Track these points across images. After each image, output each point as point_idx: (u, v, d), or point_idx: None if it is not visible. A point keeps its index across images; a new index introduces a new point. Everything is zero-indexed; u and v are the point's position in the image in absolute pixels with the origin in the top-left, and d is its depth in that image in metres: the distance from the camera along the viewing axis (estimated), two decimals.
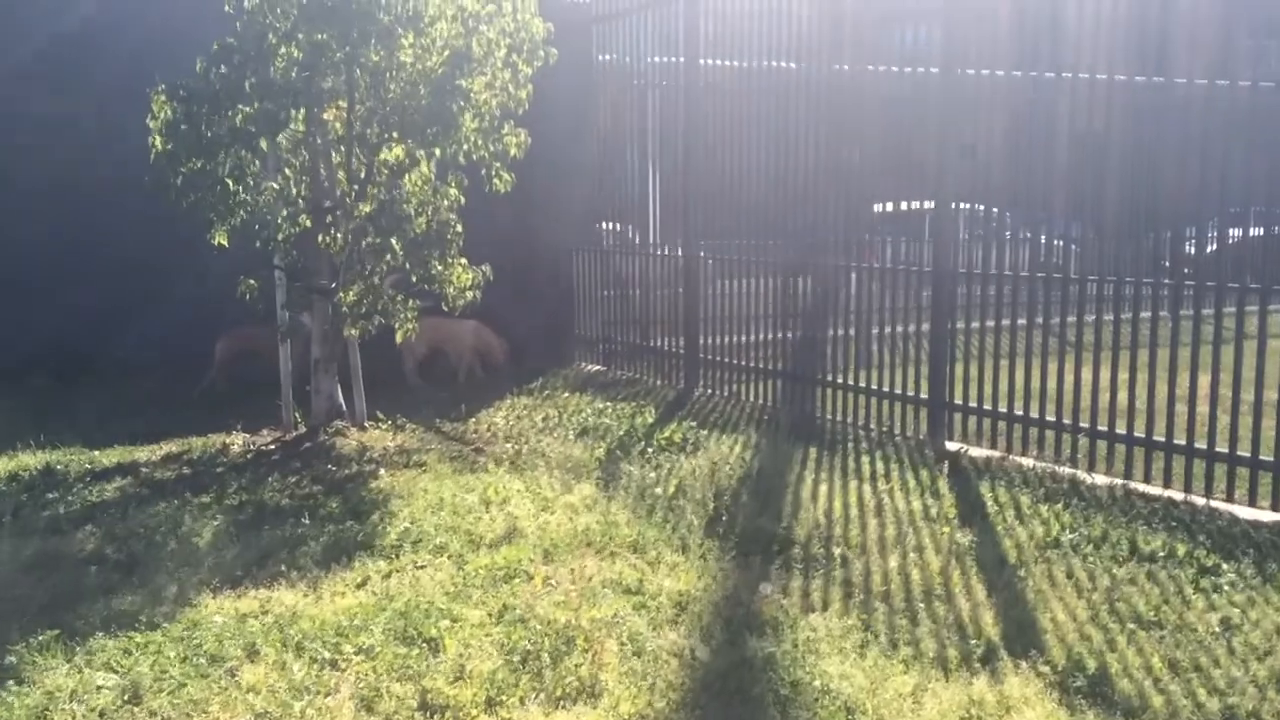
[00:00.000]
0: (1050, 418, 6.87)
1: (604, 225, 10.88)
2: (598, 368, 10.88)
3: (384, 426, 7.95)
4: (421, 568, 4.86)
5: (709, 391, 9.43)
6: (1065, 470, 6.53)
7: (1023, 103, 7.06)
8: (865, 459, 6.88)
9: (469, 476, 6.59)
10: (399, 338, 7.84)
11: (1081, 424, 6.69)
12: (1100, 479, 6.35)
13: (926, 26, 8.28)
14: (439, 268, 7.59)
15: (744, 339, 9.10)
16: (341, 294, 7.31)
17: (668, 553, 5.05)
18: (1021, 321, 7.19)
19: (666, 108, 9.95)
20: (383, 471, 6.76)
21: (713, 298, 9.42)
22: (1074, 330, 6.82)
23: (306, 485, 6.43)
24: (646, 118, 10.37)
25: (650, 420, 8.18)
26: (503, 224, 11.17)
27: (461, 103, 7.16)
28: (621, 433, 7.65)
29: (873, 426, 7.84)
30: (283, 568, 4.86)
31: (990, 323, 7.35)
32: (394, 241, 7.13)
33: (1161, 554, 5.00)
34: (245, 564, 4.92)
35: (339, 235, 7.09)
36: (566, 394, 9.38)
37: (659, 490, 6.11)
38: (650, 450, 7.07)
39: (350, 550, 5.07)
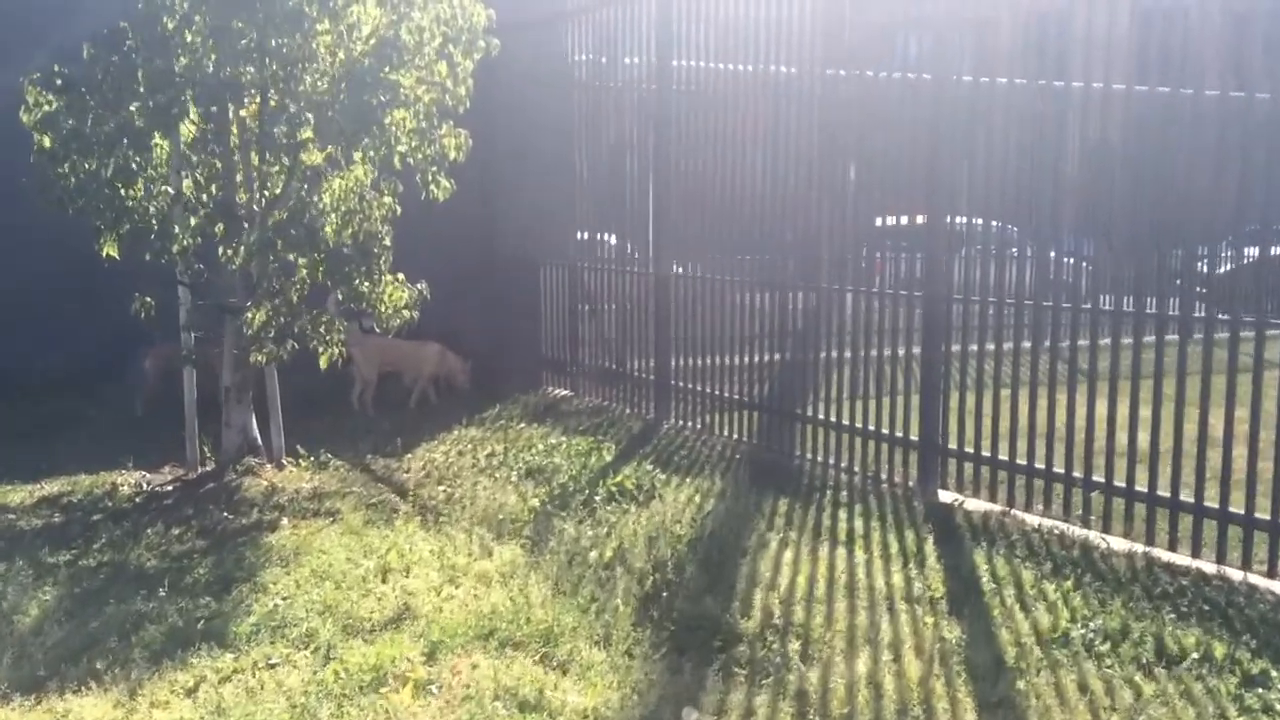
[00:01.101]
0: (1058, 468, 5.92)
1: (584, 237, 9.91)
2: (565, 393, 9.96)
3: (304, 464, 7.03)
4: (273, 666, 3.93)
5: (680, 423, 8.50)
6: (1076, 531, 5.58)
7: (1028, 113, 6.12)
8: (842, 514, 5.93)
9: (379, 532, 5.66)
10: (322, 363, 6.92)
11: (1095, 477, 5.75)
12: (1118, 543, 5.40)
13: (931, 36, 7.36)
14: (365, 285, 6.67)
15: (719, 366, 8.17)
16: (250, 313, 6.39)
17: (585, 647, 4.11)
18: (1026, 347, 6.25)
19: (643, 112, 9.03)
20: (285, 522, 5.85)
21: (686, 319, 8.49)
22: (1087, 358, 5.86)
23: (189, 540, 5.52)
24: (624, 122, 9.46)
25: (607, 459, 7.25)
26: (468, 236, 10.32)
27: (386, 98, 6.24)
28: (570, 476, 6.71)
29: (857, 470, 6.89)
30: (105, 663, 3.93)
31: (990, 349, 6.41)
32: (300, 258, 6.23)
33: (1195, 655, 4.04)
34: (60, 656, 3.99)
35: (242, 248, 6.17)
36: (523, 424, 8.46)
37: (593, 555, 5.17)
38: (597, 500, 6.13)
39: (196, 639, 4.15)
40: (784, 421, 7.59)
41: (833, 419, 7.18)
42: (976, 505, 6.16)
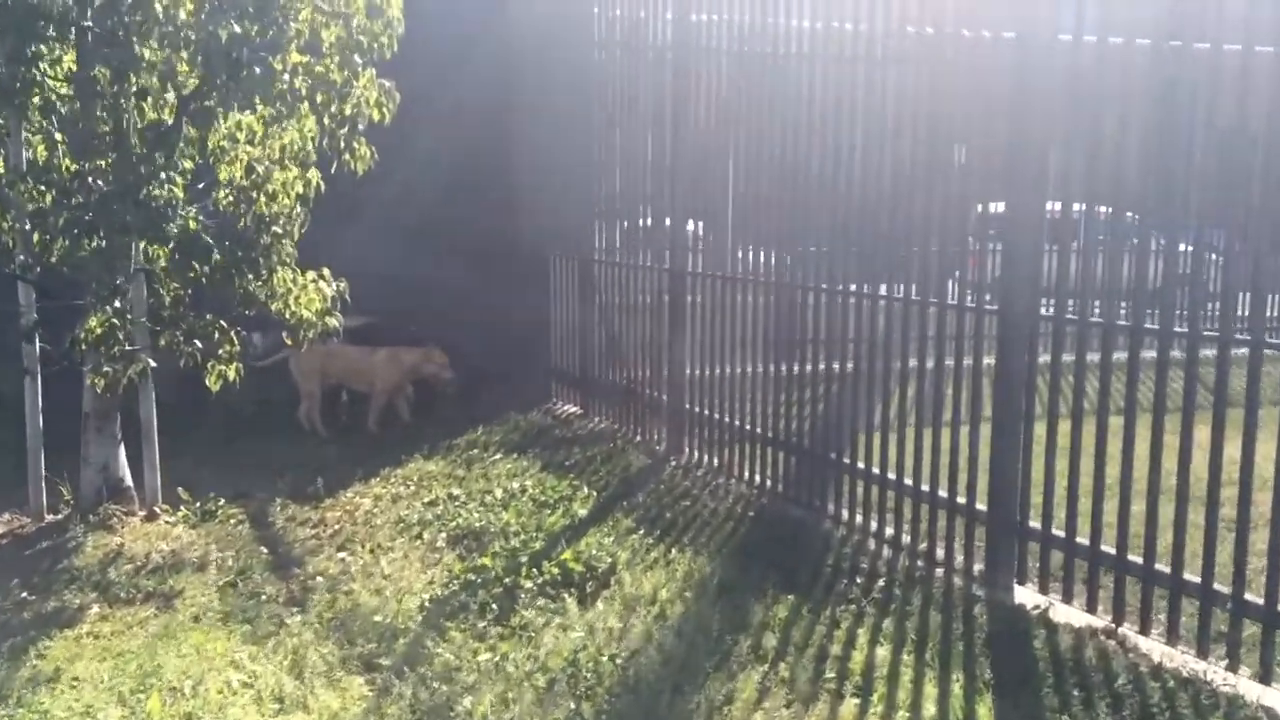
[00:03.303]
0: (1192, 576, 3.99)
1: (600, 225, 8.12)
2: (573, 410, 8.26)
3: (182, 513, 5.48)
4: None
5: (693, 458, 6.73)
6: (1226, 678, 3.66)
7: (1155, 79, 4.17)
8: (867, 629, 4.10)
9: (203, 635, 4.06)
10: (210, 383, 5.37)
11: (1250, 596, 3.81)
12: None
13: None
14: (253, 284, 5.08)
15: (741, 390, 6.36)
16: (92, 321, 4.84)
17: None
18: (1146, 384, 4.33)
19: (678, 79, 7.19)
20: (94, 610, 4.30)
21: (704, 328, 6.70)
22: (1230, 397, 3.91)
23: None
24: (663, 91, 7.64)
25: (578, 514, 5.54)
26: (478, 224, 8.71)
27: (263, 31, 4.61)
28: (512, 544, 5.01)
29: (903, 542, 5.05)
30: None
31: (1089, 388, 4.48)
32: (149, 246, 4.65)
33: None
34: None
35: (47, 235, 4.62)
36: (498, 455, 6.80)
37: (464, 706, 3.46)
38: (526, 589, 4.43)
39: None
40: (816, 468, 5.76)
41: (874, 470, 5.34)
42: (1068, 615, 4.27)
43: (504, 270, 9.01)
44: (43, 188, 4.83)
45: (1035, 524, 4.57)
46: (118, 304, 4.74)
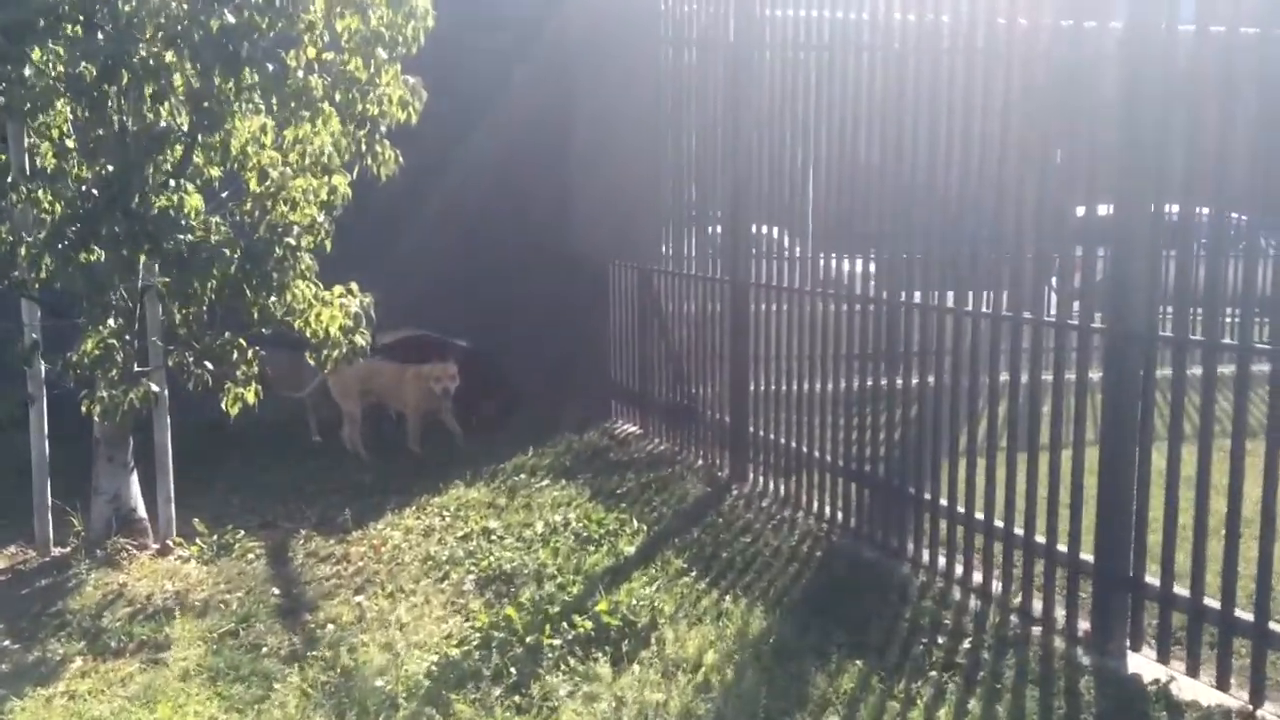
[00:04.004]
0: None
1: (665, 231, 7.53)
2: (632, 430, 7.71)
3: (197, 546, 5.07)
4: None
5: (757, 486, 6.12)
6: None
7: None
8: (948, 710, 3.46)
9: (178, 702, 3.59)
10: (229, 407, 4.95)
11: None
12: None
13: None
14: (269, 298, 4.64)
15: (813, 411, 5.73)
16: (88, 343, 4.43)
17: None
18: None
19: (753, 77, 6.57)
20: (76, 664, 3.88)
21: (771, 344, 6.08)
22: None
23: None
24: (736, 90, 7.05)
25: (623, 552, 4.98)
26: (534, 231, 8.28)
27: (273, 24, 4.17)
28: (546, 589, 4.48)
29: (993, 593, 4.38)
30: None
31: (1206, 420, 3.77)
32: (146, 258, 4.23)
33: None
34: None
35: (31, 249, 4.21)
36: (546, 481, 6.29)
37: None
38: (552, 647, 3.87)
39: None
40: (893, 503, 5.11)
41: (958, 508, 4.67)
42: (1194, 691, 3.57)
43: (562, 279, 8.52)
44: (52, 197, 4.47)
45: (1152, 579, 3.86)
46: (114, 323, 4.31)
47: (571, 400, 8.28)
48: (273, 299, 4.67)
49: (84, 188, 4.27)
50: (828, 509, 5.55)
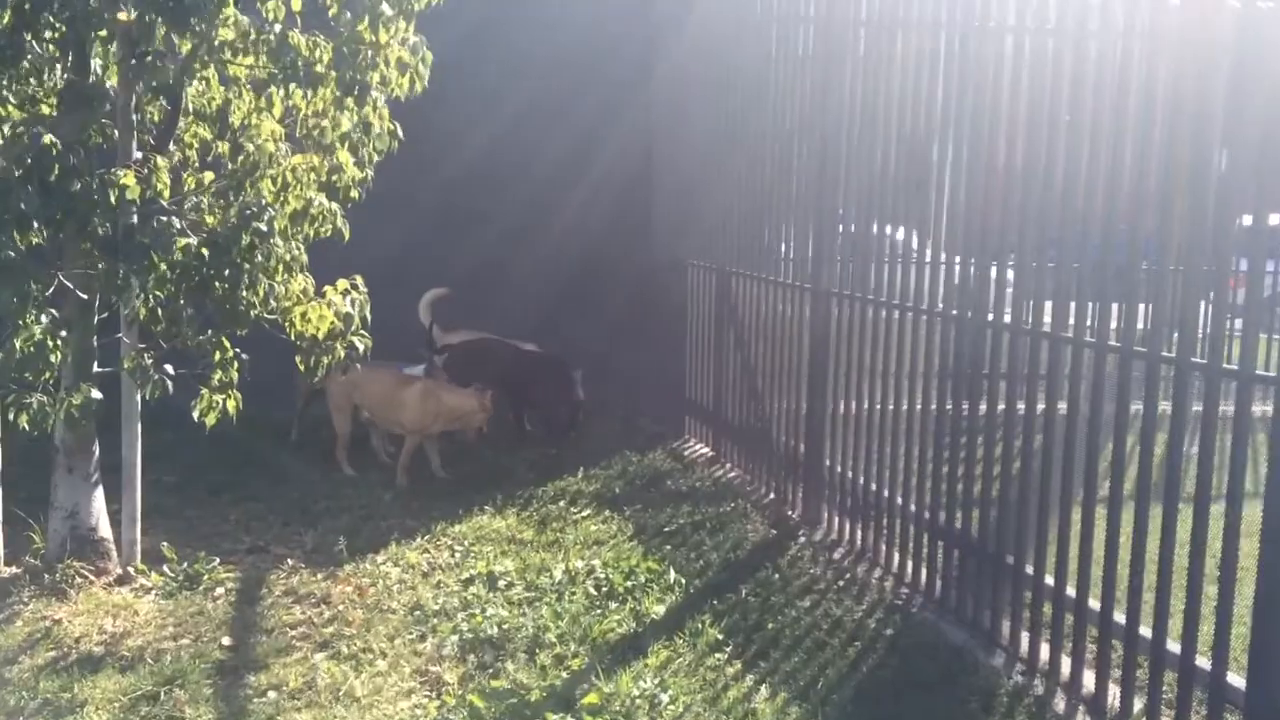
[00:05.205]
0: None
1: (742, 228, 6.56)
2: (704, 452, 6.83)
3: (160, 575, 4.40)
4: None
5: (830, 533, 5.17)
6: None
7: None
8: None
9: None
10: (206, 418, 4.27)
11: None
12: None
13: None
14: (232, 293, 3.93)
15: (901, 456, 4.73)
16: (17, 341, 3.78)
17: None
18: None
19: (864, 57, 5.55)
20: None
21: (853, 365, 5.10)
22: None
23: None
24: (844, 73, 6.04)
25: (650, 614, 4.12)
26: (611, 230, 7.56)
27: None
28: (540, 661, 3.64)
29: (1106, 707, 3.35)
30: None
31: None
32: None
33: None
34: None
35: None
36: (586, 512, 5.47)
37: None
38: None
39: None
40: (987, 571, 4.09)
41: (1068, 590, 3.65)
42: None
43: (643, 283, 7.73)
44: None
45: None
46: (44, 319, 3.65)
47: (643, 414, 7.47)
48: (242, 293, 3.95)
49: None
50: (909, 569, 4.56)
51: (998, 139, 4.01)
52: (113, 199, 3.66)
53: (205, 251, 3.80)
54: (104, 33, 3.49)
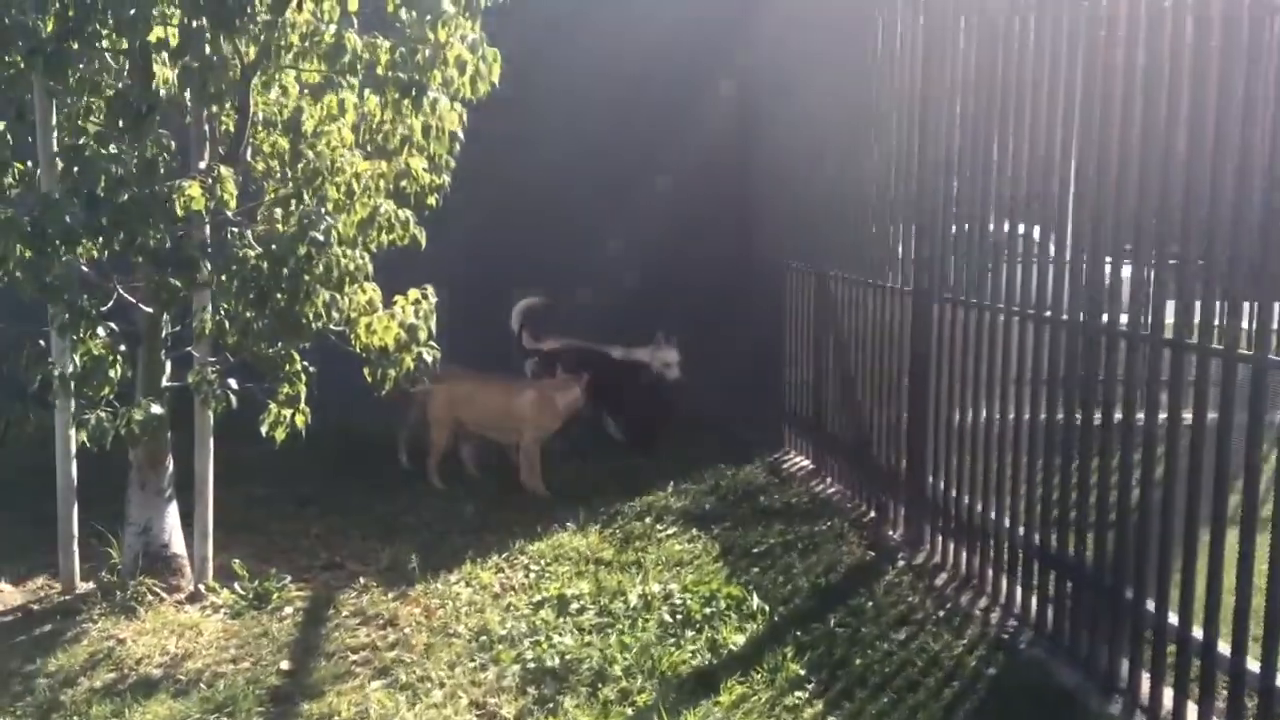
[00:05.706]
0: None
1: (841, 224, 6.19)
2: (805, 465, 6.50)
3: (231, 594, 4.32)
4: None
5: (934, 557, 4.79)
6: None
7: None
8: None
9: None
10: (268, 430, 4.18)
11: None
12: None
13: None
14: (290, 306, 3.81)
15: (1004, 468, 4.33)
16: (77, 355, 3.74)
17: None
18: None
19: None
20: None
21: (958, 376, 4.72)
22: None
23: None
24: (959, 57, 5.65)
25: (727, 646, 3.83)
26: (709, 232, 7.35)
27: None
28: (603, 696, 3.40)
29: None
30: None
31: None
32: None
33: None
34: None
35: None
36: (671, 530, 5.22)
37: None
38: None
39: None
40: (1104, 606, 3.67)
41: (1194, 631, 3.22)
42: None
43: (742, 287, 7.44)
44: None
45: None
46: (103, 332, 3.59)
47: (742, 423, 7.16)
48: (298, 306, 3.82)
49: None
50: (1018, 599, 4.16)
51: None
52: (179, 209, 3.60)
53: (264, 264, 3.68)
54: (154, 37, 3.40)
